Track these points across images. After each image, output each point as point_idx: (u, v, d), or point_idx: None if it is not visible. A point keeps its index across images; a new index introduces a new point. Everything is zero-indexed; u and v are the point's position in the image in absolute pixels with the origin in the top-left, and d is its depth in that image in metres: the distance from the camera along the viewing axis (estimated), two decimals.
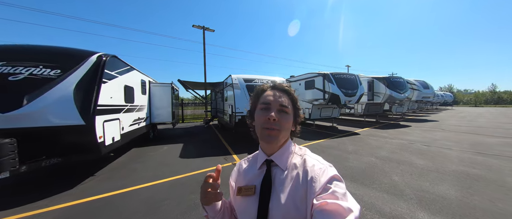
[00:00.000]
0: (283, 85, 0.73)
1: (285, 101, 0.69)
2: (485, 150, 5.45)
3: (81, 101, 3.44)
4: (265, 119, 0.65)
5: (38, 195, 3.10)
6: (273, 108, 0.67)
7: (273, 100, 0.68)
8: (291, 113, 0.70)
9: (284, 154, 0.69)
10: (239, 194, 0.69)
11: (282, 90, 0.72)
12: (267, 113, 0.65)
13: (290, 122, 0.70)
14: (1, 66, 3.25)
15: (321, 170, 0.61)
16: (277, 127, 0.65)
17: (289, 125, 0.69)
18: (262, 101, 0.70)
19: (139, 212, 2.59)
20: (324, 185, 0.57)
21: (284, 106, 0.68)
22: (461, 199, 2.78)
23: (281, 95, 0.69)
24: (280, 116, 0.66)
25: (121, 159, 5.14)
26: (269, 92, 0.71)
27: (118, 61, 4.67)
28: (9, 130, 3.02)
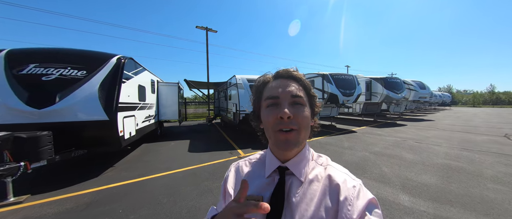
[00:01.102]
0: (289, 71, 0.56)
1: (297, 89, 0.54)
2: (472, 147, 5.87)
3: (104, 99, 3.86)
4: (276, 118, 0.50)
5: (69, 181, 3.52)
6: (283, 103, 0.52)
7: (281, 91, 0.53)
8: (307, 103, 0.55)
9: (302, 161, 0.55)
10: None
11: (289, 77, 0.56)
12: (277, 110, 0.51)
13: (309, 116, 0.54)
14: (35, 67, 3.66)
15: (355, 190, 0.49)
16: (295, 126, 0.50)
17: (308, 120, 0.54)
18: (267, 95, 0.55)
19: (162, 194, 3.01)
20: (362, 212, 0.45)
21: (297, 96, 0.53)
22: (439, 186, 3.20)
23: (291, 84, 0.54)
24: (295, 110, 0.51)
25: (134, 153, 5.56)
26: (274, 83, 0.56)
27: (133, 62, 5.08)
28: (45, 124, 3.43)
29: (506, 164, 4.24)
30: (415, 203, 2.67)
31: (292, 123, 0.50)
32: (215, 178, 3.63)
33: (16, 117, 3.37)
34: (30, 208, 2.67)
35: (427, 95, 16.49)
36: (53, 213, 2.55)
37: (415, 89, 15.05)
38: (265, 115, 0.54)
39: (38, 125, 3.40)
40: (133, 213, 2.51)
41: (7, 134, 2.79)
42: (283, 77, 0.56)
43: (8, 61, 3.62)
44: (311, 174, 0.54)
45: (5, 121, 3.34)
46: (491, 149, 5.63)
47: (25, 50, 3.92)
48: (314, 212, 0.48)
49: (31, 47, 4.05)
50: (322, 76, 9.46)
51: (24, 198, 2.90)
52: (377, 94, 12.39)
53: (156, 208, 2.65)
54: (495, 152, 5.28)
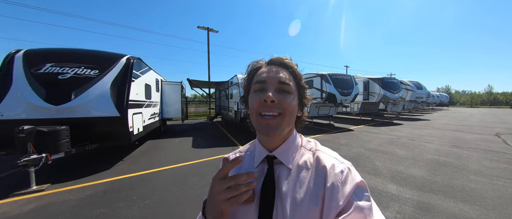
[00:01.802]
0: (282, 59, 0.57)
1: (286, 76, 0.54)
2: (462, 144, 6.17)
3: (116, 97, 4.12)
4: (260, 101, 0.51)
5: (83, 172, 3.79)
6: (270, 87, 0.52)
7: (270, 76, 0.53)
8: (295, 92, 0.55)
9: (290, 148, 0.55)
10: None
11: (280, 65, 0.56)
12: (262, 94, 0.52)
13: (294, 103, 0.54)
14: (51, 67, 3.92)
15: (343, 174, 0.49)
16: (278, 110, 0.50)
17: (293, 107, 0.53)
18: (256, 80, 0.55)
19: (171, 184, 3.29)
20: (349, 196, 0.45)
21: (284, 83, 0.53)
22: (425, 177, 3.49)
23: (280, 70, 0.54)
24: (281, 96, 0.51)
25: (140, 149, 5.82)
26: (265, 69, 0.56)
27: (141, 62, 5.34)
28: (61, 119, 3.69)
29: (491, 160, 4.53)
30: (401, 191, 2.96)
31: (276, 107, 0.50)
32: None
33: (35, 112, 3.63)
34: (53, 195, 2.94)
35: (424, 96, 16.79)
36: (74, 199, 2.81)
37: (412, 90, 15.36)
38: (251, 99, 0.55)
39: (55, 120, 3.66)
40: (147, 199, 2.78)
41: (30, 128, 3.06)
42: (274, 63, 0.57)
43: (26, 60, 3.88)
44: (300, 161, 0.54)
45: (25, 116, 3.59)
46: (480, 146, 5.93)
47: (41, 50, 4.17)
48: (304, 198, 0.48)
49: (46, 48, 4.31)
50: (320, 76, 9.74)
51: (45, 187, 3.17)
52: (375, 94, 12.68)
53: (167, 195, 2.92)
54: (483, 149, 5.58)
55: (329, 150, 0.57)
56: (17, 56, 3.88)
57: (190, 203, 2.69)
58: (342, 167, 0.50)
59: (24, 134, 2.97)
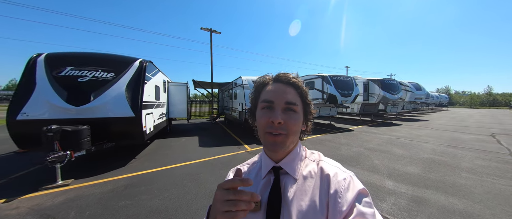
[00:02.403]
0: (289, 77, 0.59)
1: (292, 97, 0.57)
2: (458, 144, 6.44)
3: (131, 98, 4.38)
4: (268, 121, 0.54)
5: (101, 169, 4.07)
6: (277, 108, 0.55)
7: (277, 96, 0.56)
8: (301, 110, 0.58)
9: (295, 159, 0.59)
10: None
11: (287, 83, 0.58)
12: (270, 114, 0.55)
13: (300, 123, 0.58)
14: (71, 70, 4.19)
15: (346, 182, 0.51)
16: (283, 131, 0.54)
17: (298, 126, 0.57)
18: (263, 98, 0.58)
19: (186, 179, 3.56)
20: (352, 203, 0.47)
21: (291, 103, 0.55)
22: (420, 174, 3.76)
23: (287, 90, 0.57)
24: (287, 116, 0.54)
25: (150, 147, 6.10)
26: (272, 87, 0.58)
27: (152, 65, 5.61)
28: (81, 119, 3.96)
29: (484, 159, 4.81)
30: (397, 186, 3.23)
31: (282, 128, 0.53)
32: (229, 168, 4.16)
33: (57, 112, 3.89)
34: (78, 189, 3.21)
35: (423, 96, 17.07)
36: (99, 193, 3.09)
37: (411, 91, 15.62)
38: (259, 116, 0.58)
39: (76, 120, 3.93)
40: (166, 192, 3.06)
41: (57, 127, 3.33)
42: (282, 82, 0.58)
43: (48, 64, 4.15)
44: (304, 171, 0.57)
45: (48, 116, 3.86)
46: (474, 146, 6.20)
47: (60, 54, 4.44)
48: (309, 206, 0.50)
49: (65, 52, 4.57)
50: (322, 78, 10.01)
51: (70, 182, 3.44)
52: (374, 95, 12.95)
53: (183, 189, 3.19)
54: (477, 148, 5.85)
55: (332, 160, 0.61)
56: (39, 60, 4.15)
57: (205, 197, 2.96)
58: (345, 175, 0.53)
59: (52, 132, 3.24)
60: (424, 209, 2.57)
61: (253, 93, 0.64)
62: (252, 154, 5.24)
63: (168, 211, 2.56)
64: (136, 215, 2.48)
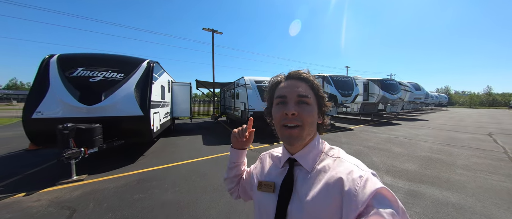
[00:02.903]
0: (299, 73, 0.62)
1: (304, 90, 0.59)
2: (455, 143, 6.63)
3: (139, 98, 4.56)
4: (282, 114, 0.57)
5: (112, 165, 4.24)
6: (290, 101, 0.57)
7: (289, 91, 0.58)
8: (314, 103, 0.60)
9: (310, 153, 0.59)
10: (259, 188, 0.65)
11: (298, 79, 0.61)
12: (284, 108, 0.57)
13: (314, 114, 0.59)
14: (83, 71, 4.36)
15: (362, 180, 0.48)
16: (299, 122, 0.56)
17: (313, 118, 0.58)
18: (277, 95, 0.61)
19: (193, 175, 3.74)
20: (367, 201, 0.44)
21: (303, 96, 0.57)
22: (417, 171, 3.94)
23: (298, 84, 0.59)
24: (300, 108, 0.56)
25: (156, 145, 6.28)
26: (285, 84, 0.62)
27: (158, 66, 5.78)
28: (93, 118, 4.14)
29: (478, 157, 4.99)
30: (395, 182, 3.42)
31: (296, 119, 0.56)
32: None
33: (71, 111, 4.06)
34: (93, 184, 3.39)
35: (422, 96, 17.25)
36: (113, 187, 3.26)
37: (411, 91, 15.80)
38: (274, 112, 0.61)
39: (88, 119, 4.10)
40: (177, 187, 3.24)
41: (72, 125, 3.50)
42: (293, 78, 0.61)
43: (60, 65, 4.32)
44: (319, 165, 0.57)
45: (62, 114, 4.03)
46: (471, 144, 6.38)
47: (71, 55, 4.61)
48: (319, 201, 0.50)
49: (76, 53, 4.74)
50: (322, 78, 10.19)
51: (84, 177, 3.62)
52: (374, 95, 13.13)
53: (192, 184, 3.38)
54: (473, 147, 6.03)
55: (351, 158, 0.58)
56: (52, 61, 4.32)
57: (213, 191, 3.13)
58: (362, 173, 0.50)
59: (68, 130, 3.42)
60: (420, 202, 2.75)
61: (268, 92, 0.67)
62: (255, 151, 5.41)
63: (180, 204, 2.74)
64: (151, 206, 2.66)
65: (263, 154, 0.77)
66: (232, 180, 0.85)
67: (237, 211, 2.56)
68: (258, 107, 7.42)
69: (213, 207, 2.65)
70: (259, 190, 0.64)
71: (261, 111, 7.43)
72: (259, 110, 7.43)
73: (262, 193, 0.63)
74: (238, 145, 0.80)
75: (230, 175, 0.84)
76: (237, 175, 0.84)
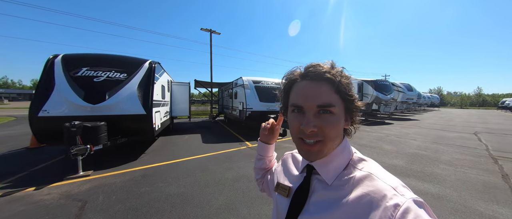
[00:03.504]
0: (319, 71, 0.46)
1: (326, 96, 0.46)
2: (442, 141, 7.01)
3: (142, 97, 4.73)
4: (298, 127, 0.47)
5: (116, 162, 4.41)
6: (308, 114, 0.46)
7: (306, 100, 0.46)
8: (340, 110, 0.47)
9: (332, 162, 0.49)
10: (276, 189, 0.60)
11: (320, 79, 0.46)
12: (301, 118, 0.47)
13: (339, 125, 0.47)
14: (87, 70, 4.51)
15: (398, 210, 0.36)
16: (320, 138, 0.46)
17: (338, 130, 0.47)
18: (292, 102, 0.50)
19: (195, 170, 3.95)
20: None
21: (326, 105, 0.45)
22: (404, 166, 4.25)
23: (319, 89, 0.46)
24: (321, 121, 0.45)
25: (156, 143, 6.44)
26: (301, 85, 0.49)
27: (159, 66, 5.95)
28: (97, 116, 4.29)
29: (461, 153, 5.35)
30: None
31: (317, 134, 0.45)
32: (233, 161, 4.58)
33: (76, 110, 4.21)
34: (100, 179, 3.56)
35: (414, 97, 17.81)
36: (120, 181, 3.45)
37: (403, 91, 16.31)
38: (290, 120, 0.51)
39: (92, 117, 4.25)
40: (180, 181, 3.45)
41: (79, 123, 3.66)
42: (312, 78, 0.47)
43: (65, 65, 4.45)
44: (342, 179, 0.47)
45: (67, 113, 4.17)
46: (456, 142, 6.77)
47: (75, 55, 4.74)
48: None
49: (80, 53, 4.88)
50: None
51: (90, 172, 3.79)
52: (368, 95, 13.54)
53: (194, 178, 3.59)
54: (458, 145, 6.42)
55: (388, 175, 0.46)
56: (56, 61, 4.45)
57: (215, 184, 3.35)
58: (399, 200, 0.38)
59: (75, 128, 3.58)
60: None
61: (282, 91, 0.56)
62: (253, 149, 5.65)
63: (185, 195, 2.95)
64: (157, 198, 2.86)
65: (286, 154, 0.71)
66: (258, 171, 0.85)
67: (237, 201, 2.78)
68: (256, 107, 7.66)
69: (215, 198, 2.87)
70: (276, 191, 0.60)
71: (258, 111, 7.68)
72: (257, 110, 7.67)
73: (278, 195, 0.58)
74: (263, 138, 0.79)
75: (257, 166, 0.84)
76: (263, 168, 0.83)
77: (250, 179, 3.55)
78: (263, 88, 8.11)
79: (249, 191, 3.10)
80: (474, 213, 2.52)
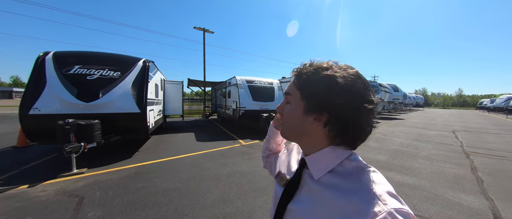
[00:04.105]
0: (298, 68, 0.54)
1: (289, 88, 0.54)
2: (423, 138, 7.52)
3: (136, 96, 4.77)
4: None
5: (110, 160, 4.43)
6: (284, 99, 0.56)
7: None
8: (298, 102, 0.51)
9: (322, 159, 0.49)
10: (276, 177, 0.65)
11: (294, 75, 0.54)
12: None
13: (294, 115, 0.52)
14: (79, 68, 4.49)
15: (374, 218, 0.36)
16: (282, 120, 0.57)
17: (292, 119, 0.52)
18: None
19: (191, 166, 4.08)
20: None
21: (286, 93, 0.54)
22: (386, 161, 4.60)
23: (290, 81, 0.55)
24: (284, 107, 0.55)
25: (150, 142, 6.45)
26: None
27: (153, 65, 5.97)
28: (91, 114, 4.30)
29: (439, 149, 5.81)
30: None
31: (281, 119, 0.58)
32: (227, 158, 4.73)
33: (68, 108, 4.19)
34: (95, 176, 3.60)
35: (400, 97, 18.68)
36: (115, 178, 3.51)
37: (390, 92, 17.07)
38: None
39: (86, 115, 4.25)
40: (176, 176, 3.56)
41: (73, 121, 3.67)
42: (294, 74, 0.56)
43: (56, 62, 4.41)
44: (328, 177, 0.47)
45: (59, 111, 4.15)
46: (435, 140, 7.30)
47: (67, 53, 4.70)
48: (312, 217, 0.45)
49: (71, 50, 4.83)
50: None
51: (85, 170, 3.81)
52: None
53: (190, 173, 3.71)
54: (437, 142, 6.93)
55: (378, 180, 0.44)
56: (47, 58, 4.40)
57: (210, 179, 3.50)
58: (380, 208, 0.37)
59: (69, 126, 3.60)
60: None
61: None
62: (246, 147, 5.82)
63: (181, 190, 3.08)
64: (154, 193, 2.97)
65: (293, 144, 0.72)
66: (265, 150, 0.90)
67: (232, 194, 2.95)
68: (249, 106, 7.83)
69: (211, 192, 3.02)
70: (276, 179, 0.65)
71: (252, 109, 7.86)
72: (250, 109, 7.84)
73: (277, 183, 0.63)
74: (275, 122, 0.77)
75: (264, 145, 0.90)
76: (269, 149, 0.88)
77: (244, 174, 3.73)
78: (256, 88, 8.30)
79: (243, 185, 3.27)
80: (443, 200, 2.84)
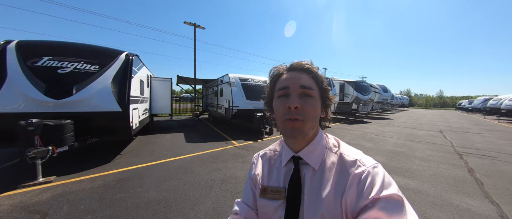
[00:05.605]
0: (302, 64, 0.58)
1: (307, 81, 0.56)
2: (414, 138, 7.60)
3: (117, 92, 4.26)
4: (285, 108, 0.54)
5: (85, 165, 3.91)
6: (293, 93, 0.55)
7: (292, 82, 0.55)
8: (317, 95, 0.57)
9: (315, 149, 0.57)
10: (263, 195, 0.60)
11: (301, 70, 0.57)
12: (286, 100, 0.54)
13: (317, 108, 0.56)
14: (49, 60, 3.90)
15: (364, 174, 0.49)
16: (301, 117, 0.53)
17: (316, 111, 0.56)
18: (279, 87, 0.58)
19: (179, 172, 3.67)
20: (371, 196, 0.45)
21: (307, 88, 0.55)
22: (384, 162, 4.47)
23: (301, 76, 0.56)
24: (303, 101, 0.54)
25: (134, 143, 5.91)
26: (286, 75, 0.58)
27: (138, 59, 5.43)
28: (63, 113, 3.75)
29: (432, 150, 5.83)
30: None
31: (299, 113, 0.53)
32: (219, 161, 4.37)
33: (35, 106, 3.61)
34: (64, 185, 3.09)
35: (389, 98, 19.22)
36: (89, 187, 3.03)
37: (379, 92, 17.46)
38: (276, 105, 0.58)
39: (57, 114, 3.70)
40: (162, 184, 3.15)
41: (38, 121, 3.13)
42: (295, 69, 0.58)
43: (20, 52, 3.79)
44: (324, 162, 0.55)
45: (24, 109, 3.57)
46: (426, 140, 7.39)
47: (34, 42, 4.08)
48: (328, 196, 0.50)
49: (40, 40, 4.20)
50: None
51: (53, 178, 3.28)
52: (349, 96, 14.21)
53: (178, 180, 3.32)
54: (428, 142, 7.00)
55: (352, 150, 0.59)
56: (9, 48, 3.78)
57: (201, 187, 3.13)
58: (364, 167, 0.51)
59: (33, 127, 3.06)
60: None
61: (269, 84, 0.64)
62: (240, 149, 5.49)
63: (167, 201, 2.69)
64: (135, 205, 2.56)
65: (255, 156, 0.73)
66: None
67: (226, 205, 2.62)
68: (243, 105, 7.48)
69: (202, 203, 2.66)
70: (263, 197, 0.60)
71: (245, 109, 7.52)
72: (243, 108, 7.50)
73: (268, 200, 0.59)
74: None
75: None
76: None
77: (239, 180, 3.40)
78: (250, 86, 7.96)
79: (238, 192, 2.95)
80: (451, 205, 2.70)
